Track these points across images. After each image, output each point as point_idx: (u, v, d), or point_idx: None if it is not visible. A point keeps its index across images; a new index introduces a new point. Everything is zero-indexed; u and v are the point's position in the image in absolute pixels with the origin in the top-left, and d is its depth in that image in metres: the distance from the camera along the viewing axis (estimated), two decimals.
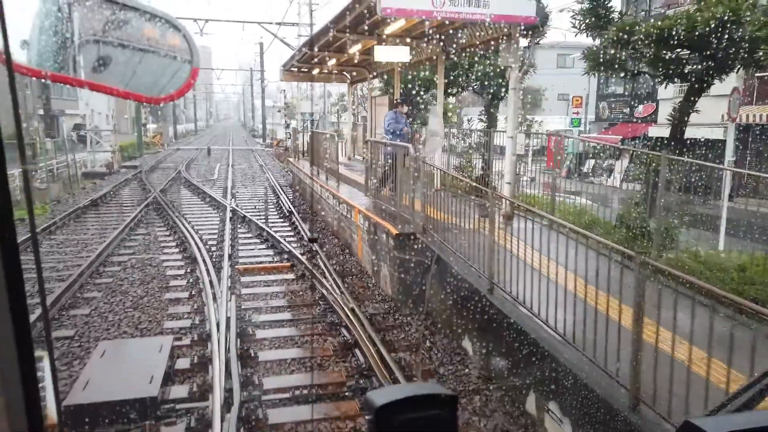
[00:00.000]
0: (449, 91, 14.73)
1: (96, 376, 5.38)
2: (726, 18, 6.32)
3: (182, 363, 6.05)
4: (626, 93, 29.69)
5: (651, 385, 3.67)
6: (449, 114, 18.35)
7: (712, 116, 21.28)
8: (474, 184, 7.56)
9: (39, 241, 11.07)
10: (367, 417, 0.92)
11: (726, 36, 6.43)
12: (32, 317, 5.21)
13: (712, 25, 6.40)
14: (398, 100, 11.36)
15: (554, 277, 4.84)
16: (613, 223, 8.38)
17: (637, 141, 26.49)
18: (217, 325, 6.64)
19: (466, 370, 5.96)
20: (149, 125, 46.93)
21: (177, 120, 62.18)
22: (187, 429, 4.82)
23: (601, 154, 24.91)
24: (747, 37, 6.29)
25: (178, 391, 5.46)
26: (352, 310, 7.26)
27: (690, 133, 18.61)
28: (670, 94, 24.39)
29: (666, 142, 8.52)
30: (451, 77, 14.23)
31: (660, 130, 24.52)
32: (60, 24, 1.05)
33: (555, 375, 4.59)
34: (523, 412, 5.11)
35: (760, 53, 6.13)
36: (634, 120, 28.43)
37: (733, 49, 6.46)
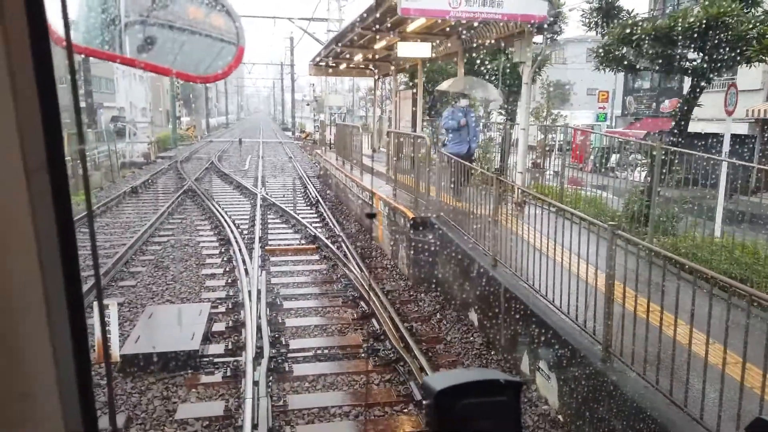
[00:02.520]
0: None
1: (145, 333, 6.20)
2: (720, 17, 6.79)
3: (218, 326, 6.83)
4: (652, 88, 29.64)
5: (620, 341, 4.28)
6: (470, 107, 18.82)
7: (737, 111, 21.30)
8: (482, 171, 8.16)
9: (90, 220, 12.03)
10: (425, 401, 0.92)
11: (721, 34, 6.90)
12: (85, 287, 6.07)
13: (707, 24, 6.87)
14: (456, 96, 10.44)
15: (552, 254, 5.43)
16: (619, 212, 8.90)
17: (662, 135, 26.59)
18: (249, 294, 7.42)
19: (471, 338, 6.61)
20: (183, 118, 48.42)
21: (209, 113, 63.75)
22: (223, 377, 5.59)
23: (625, 149, 25.07)
24: (739, 36, 6.75)
25: (216, 348, 6.24)
26: (371, 286, 7.95)
27: (710, 128, 18.89)
28: None
29: (674, 135, 8.97)
30: (473, 71, 14.76)
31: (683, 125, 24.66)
32: (108, 3, 1.06)
33: (544, 338, 5.21)
34: (518, 372, 5.74)
35: (750, 51, 6.58)
36: (660, 114, 28.40)
37: (728, 46, 6.92)
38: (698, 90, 8.19)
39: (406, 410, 5.08)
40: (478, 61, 13.34)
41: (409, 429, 4.77)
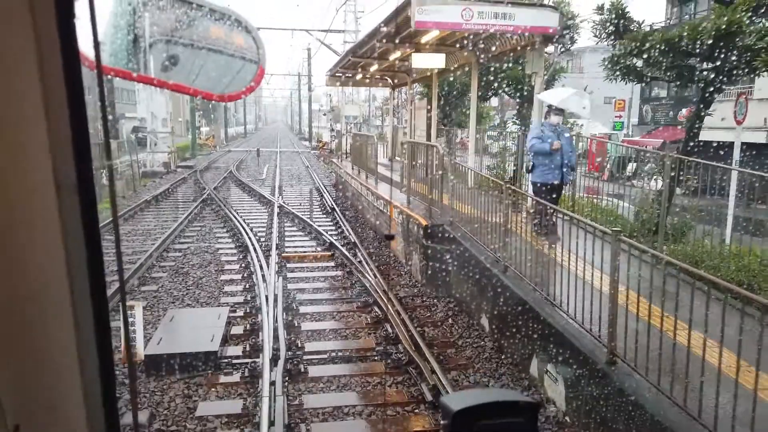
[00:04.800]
0: (483, 94, 15.44)
1: (166, 335, 6.45)
2: (728, 29, 6.91)
3: (236, 330, 7.06)
4: (669, 96, 29.54)
5: (623, 344, 4.41)
6: (484, 117, 19.00)
7: (756, 120, 21.23)
8: (488, 177, 8.32)
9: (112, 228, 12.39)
10: (442, 421, 0.92)
11: (729, 45, 7.01)
12: (109, 291, 6.35)
13: (716, 35, 7.00)
14: (548, 108, 7.95)
15: (559, 259, 5.58)
16: (631, 219, 9.00)
17: (679, 144, 26.54)
18: (266, 299, 7.65)
19: (482, 342, 6.75)
20: (202, 128, 49.17)
21: (228, 123, 64.62)
22: (241, 377, 5.80)
23: (641, 158, 25.00)
24: (747, 47, 6.87)
25: (234, 350, 6.47)
26: (384, 292, 8.14)
27: (728, 137, 18.94)
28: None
29: (687, 144, 9.05)
30: (486, 81, 14.96)
31: (701, 134, 24.57)
32: (133, 23, 1.07)
33: (552, 341, 5.34)
34: (528, 375, 5.87)
35: (758, 62, 6.69)
36: (678, 123, 28.26)
37: (735, 57, 7.03)
38: (709, 99, 8.29)
39: (417, 410, 5.24)
40: (492, 70, 13.51)
41: (419, 428, 4.93)
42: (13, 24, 0.67)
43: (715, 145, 10.58)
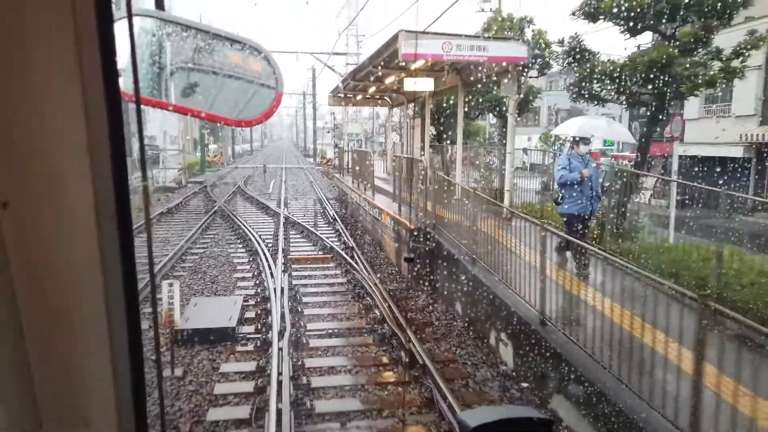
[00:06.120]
0: (471, 113, 16.89)
1: (192, 316, 7.80)
2: (660, 62, 8.32)
3: (249, 314, 8.40)
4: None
5: (549, 308, 5.74)
6: (474, 133, 20.43)
7: (733, 136, 22.60)
8: (457, 184, 9.69)
9: (136, 234, 13.81)
10: None
11: (661, 75, 8.41)
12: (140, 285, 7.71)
13: (650, 67, 8.40)
14: (575, 139, 7.68)
15: (520, 253, 6.90)
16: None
17: (665, 159, 27.93)
18: (274, 291, 8.99)
19: (455, 323, 8.07)
20: (210, 145, 50.87)
21: (235, 140, 66.40)
22: (255, 347, 7.14)
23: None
24: (675, 76, 8.26)
25: (248, 329, 7.81)
26: (375, 285, 9.47)
27: (711, 151, 20.42)
28: (695, 114, 25.75)
29: (638, 158, 10.41)
30: (473, 102, 16.41)
31: (685, 148, 25.92)
32: (157, 52, 1.11)
33: (504, 313, 6.66)
34: (487, 343, 7.18)
35: (683, 88, 8.06)
36: (664, 139, 29.62)
37: (669, 85, 8.43)
38: (654, 120, 9.67)
39: (394, 369, 6.56)
40: (477, 92, 14.94)
41: (393, 380, 6.25)
42: (60, 64, 0.71)
43: (697, 159, 11.93)
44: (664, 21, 8.96)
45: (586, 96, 10.06)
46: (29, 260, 0.77)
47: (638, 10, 8.59)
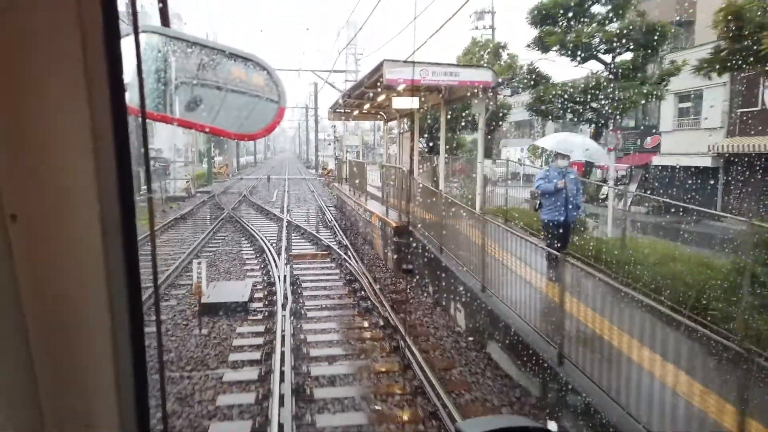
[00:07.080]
0: (454, 127, 18.80)
1: (212, 293, 9.63)
2: (596, 87, 10.20)
3: (258, 294, 10.23)
4: (636, 126, 32.83)
5: (490, 282, 7.54)
6: (461, 145, 22.32)
7: (702, 147, 24.47)
8: (440, 191, 11.54)
9: (141, 244, 15.67)
10: None
11: (598, 98, 10.29)
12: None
13: (587, 90, 10.28)
14: (555, 154, 8.61)
15: (489, 249, 8.69)
16: None
17: (646, 168, 29.86)
18: (278, 278, 10.82)
19: (428, 300, 9.89)
20: (216, 157, 52.90)
21: (239, 153, 68.56)
22: (263, 317, 8.96)
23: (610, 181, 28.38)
24: (608, 99, 10.14)
25: (257, 305, 9.63)
26: (363, 274, 11.29)
27: (685, 161, 22.38)
28: (670, 127, 27.66)
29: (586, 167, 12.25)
30: (457, 117, 18.32)
31: (662, 159, 27.78)
32: (162, 68, 1.12)
33: (459, 287, 8.46)
34: (450, 313, 8.99)
35: (610, 108, 9.94)
36: (644, 150, 31.49)
37: (600, 106, 10.30)
38: (598, 133, 11.53)
39: (373, 330, 8.37)
40: (457, 109, 16.84)
41: (369, 336, 8.06)
42: (68, 80, 0.72)
43: (674, 168, 13.66)
44: (602, 52, 10.85)
45: (539, 113, 11.92)
46: (36, 268, 0.78)
47: (578, 45, 10.46)
